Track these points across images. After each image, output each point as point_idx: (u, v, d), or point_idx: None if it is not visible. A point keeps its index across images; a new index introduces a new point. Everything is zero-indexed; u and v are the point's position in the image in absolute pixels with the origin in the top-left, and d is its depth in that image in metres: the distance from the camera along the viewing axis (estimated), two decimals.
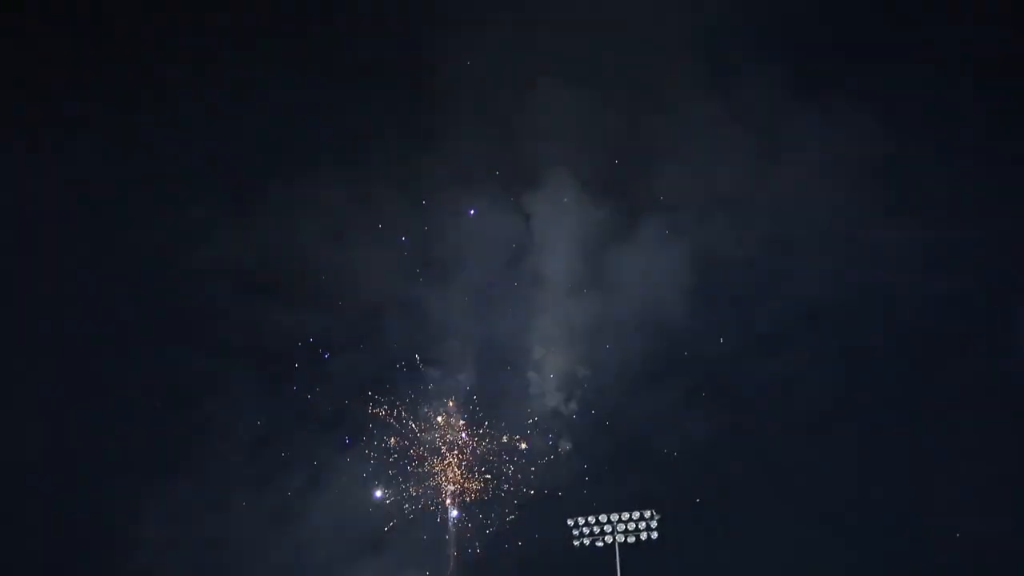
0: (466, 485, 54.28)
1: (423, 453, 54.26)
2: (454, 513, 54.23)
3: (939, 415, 53.22)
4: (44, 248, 55.60)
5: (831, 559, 51.62)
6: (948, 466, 52.24)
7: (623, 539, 49.99)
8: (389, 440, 54.27)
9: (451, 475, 54.27)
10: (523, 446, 54.22)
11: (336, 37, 56.47)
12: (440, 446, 54.30)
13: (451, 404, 54.51)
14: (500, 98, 54.42)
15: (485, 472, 54.25)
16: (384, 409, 54.43)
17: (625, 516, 50.08)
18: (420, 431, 54.27)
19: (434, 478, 54.19)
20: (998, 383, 53.01)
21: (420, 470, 54.26)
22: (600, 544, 50.27)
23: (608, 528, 50.12)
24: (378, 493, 54.04)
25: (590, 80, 53.89)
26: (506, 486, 54.06)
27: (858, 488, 52.61)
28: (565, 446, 54.20)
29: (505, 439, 54.29)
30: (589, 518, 50.18)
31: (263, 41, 56.48)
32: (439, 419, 54.16)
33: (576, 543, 50.19)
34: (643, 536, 50.01)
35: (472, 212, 53.58)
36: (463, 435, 54.54)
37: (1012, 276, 53.26)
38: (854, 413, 53.64)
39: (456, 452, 54.40)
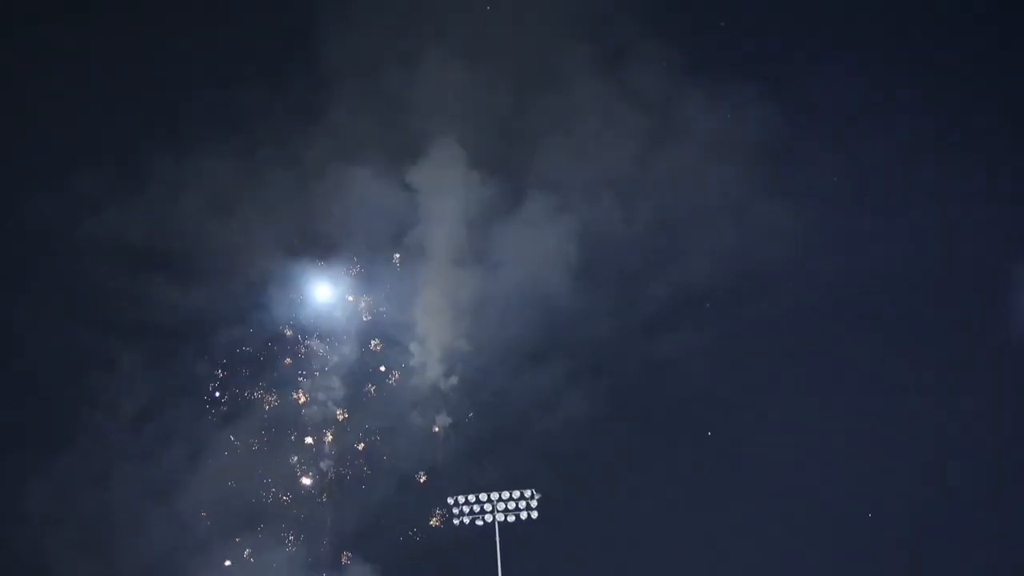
0: (345, 461, 53.96)
1: (304, 429, 53.83)
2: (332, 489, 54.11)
3: (824, 398, 53.30)
4: None
5: (710, 540, 51.67)
6: (831, 448, 52.49)
7: (503, 518, 50.05)
8: (271, 415, 53.88)
9: (329, 451, 53.95)
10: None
11: (221, 11, 55.65)
12: (321, 421, 53.99)
13: (334, 379, 54.24)
14: (387, 73, 53.98)
15: (364, 448, 53.82)
16: (265, 385, 54.19)
17: (505, 495, 50.04)
18: (302, 406, 53.73)
19: (313, 454, 53.87)
20: (883, 366, 53.67)
21: (300, 446, 53.78)
22: (480, 523, 50.21)
23: (488, 507, 50.05)
24: (258, 469, 53.19)
25: (478, 56, 53.35)
26: (384, 459, 53.55)
27: (737, 470, 52.58)
28: (445, 422, 53.95)
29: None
30: (469, 496, 49.90)
31: (148, 14, 55.67)
32: (320, 395, 53.86)
33: (456, 521, 49.90)
34: (523, 515, 50.03)
35: (357, 188, 53.05)
36: (342, 411, 54.31)
37: (898, 259, 53.57)
38: (736, 395, 53.51)
39: (335, 428, 54.15)
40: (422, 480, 53.29)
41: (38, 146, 54.98)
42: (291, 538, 52.97)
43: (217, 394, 54.14)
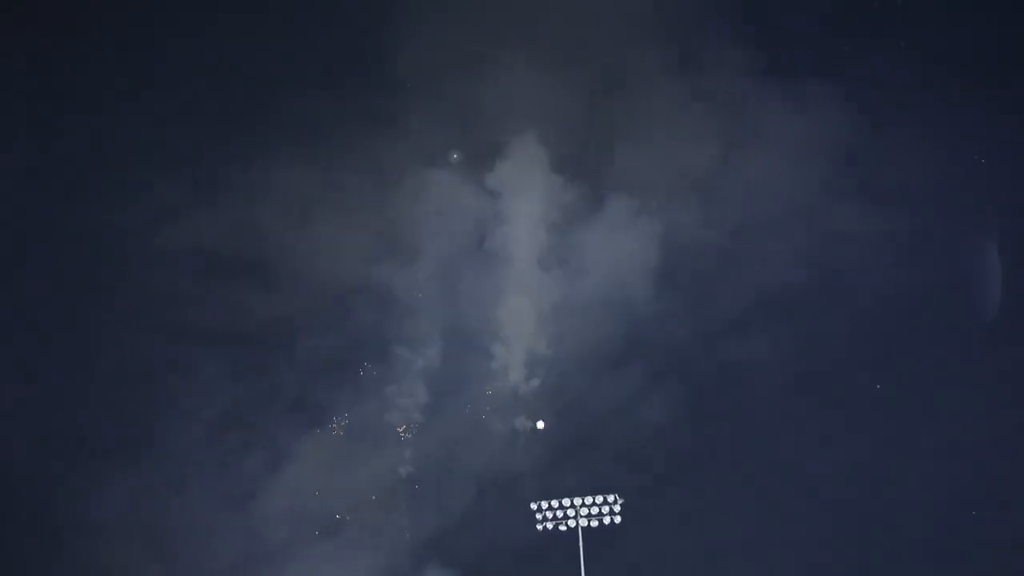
0: (424, 467, 53.54)
1: (384, 435, 53.61)
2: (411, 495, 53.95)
3: (901, 402, 53.32)
4: (8, 227, 54.35)
5: (791, 543, 51.56)
6: (910, 452, 52.41)
7: (586, 523, 50.05)
8: (351, 422, 53.77)
9: (409, 457, 53.71)
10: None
11: (297, 19, 55.92)
12: (400, 427, 53.76)
13: (417, 384, 53.84)
14: (464, 79, 53.76)
15: (443, 453, 53.27)
16: (346, 391, 54.10)
17: (588, 500, 49.98)
18: (383, 412, 53.56)
19: (393, 460, 53.59)
20: (960, 372, 53.15)
21: (380, 452, 53.56)
22: (563, 528, 50.11)
23: (571, 512, 50.01)
24: (336, 476, 52.99)
25: (555, 61, 53.28)
26: (463, 464, 52.93)
27: (818, 473, 52.36)
28: (526, 425, 53.68)
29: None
30: (552, 502, 50.01)
31: (225, 24, 55.63)
32: (401, 400, 53.71)
33: (539, 527, 49.96)
34: (606, 520, 50.09)
35: (436, 192, 53.20)
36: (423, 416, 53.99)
37: (979, 265, 53.40)
38: (816, 399, 53.26)
39: (416, 433, 53.86)
40: (502, 485, 52.78)
41: (116, 154, 55.34)
42: (369, 545, 52.63)
43: (297, 401, 53.94)
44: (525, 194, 52.26)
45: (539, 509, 50.10)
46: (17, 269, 54.52)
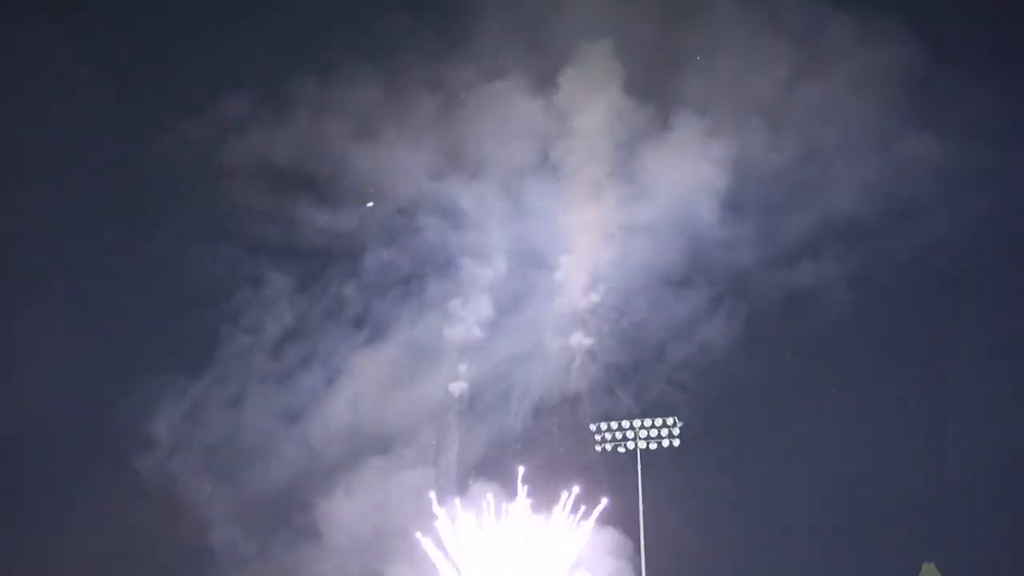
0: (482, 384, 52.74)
1: (444, 351, 53.10)
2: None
3: (962, 332, 53.01)
4: (78, 141, 54.92)
5: (846, 467, 51.20)
6: (964, 382, 52.26)
7: (645, 445, 50.31)
8: (412, 337, 53.30)
9: (466, 374, 52.84)
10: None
11: None
12: (461, 344, 53.11)
13: (482, 299, 53.08)
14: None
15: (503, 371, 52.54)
16: (410, 307, 53.85)
17: (648, 423, 50.07)
18: (445, 328, 53.02)
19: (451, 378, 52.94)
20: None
21: (438, 369, 53.07)
22: (622, 450, 50.44)
23: (631, 434, 50.29)
24: (394, 392, 52.75)
25: None
26: (523, 386, 52.50)
27: (877, 401, 52.43)
28: (584, 342, 52.62)
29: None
30: (612, 423, 50.19)
31: None
32: (463, 314, 53.05)
33: (598, 448, 50.22)
34: (664, 443, 50.28)
35: (504, 110, 52.70)
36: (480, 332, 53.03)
37: None
38: (875, 325, 53.01)
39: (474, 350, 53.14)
40: (559, 406, 52.33)
41: (184, 70, 55.89)
42: (421, 462, 52.47)
43: (361, 318, 53.78)
44: (593, 111, 51.67)
45: (599, 430, 50.06)
46: (83, 180, 55.39)
